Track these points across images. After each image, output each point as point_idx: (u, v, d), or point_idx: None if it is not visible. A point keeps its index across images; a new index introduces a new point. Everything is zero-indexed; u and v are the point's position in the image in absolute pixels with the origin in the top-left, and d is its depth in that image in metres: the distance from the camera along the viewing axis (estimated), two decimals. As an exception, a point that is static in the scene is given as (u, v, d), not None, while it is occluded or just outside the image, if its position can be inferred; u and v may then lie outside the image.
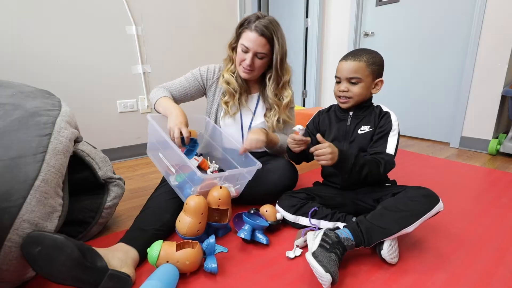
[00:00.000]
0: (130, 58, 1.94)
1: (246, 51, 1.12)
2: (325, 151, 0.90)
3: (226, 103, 1.22)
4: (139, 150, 2.06)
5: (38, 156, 0.72)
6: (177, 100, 1.25)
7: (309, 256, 0.75)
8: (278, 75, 1.18)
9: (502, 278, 0.81)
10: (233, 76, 1.21)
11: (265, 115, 1.26)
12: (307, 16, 3.07)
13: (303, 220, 1.02)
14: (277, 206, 1.08)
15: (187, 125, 1.05)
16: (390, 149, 0.98)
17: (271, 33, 1.11)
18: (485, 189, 1.43)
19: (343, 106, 1.06)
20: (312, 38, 3.01)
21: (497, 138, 2.05)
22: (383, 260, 0.86)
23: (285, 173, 1.14)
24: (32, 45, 1.60)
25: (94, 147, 1.08)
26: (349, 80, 1.01)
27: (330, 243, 0.79)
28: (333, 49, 2.94)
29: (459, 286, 0.79)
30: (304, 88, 3.28)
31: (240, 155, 1.13)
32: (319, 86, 3.12)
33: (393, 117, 1.02)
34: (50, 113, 0.83)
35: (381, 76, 1.03)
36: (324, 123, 1.15)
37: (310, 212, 1.02)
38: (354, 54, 1.01)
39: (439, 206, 0.87)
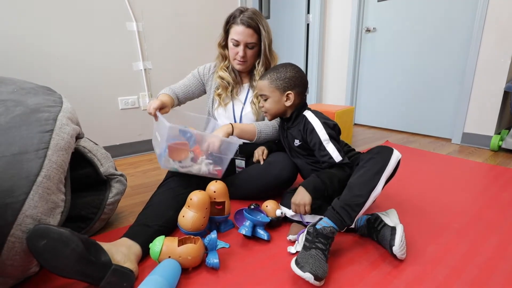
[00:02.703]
0: (131, 55, 1.93)
1: (237, 44, 1.19)
2: (294, 205, 0.97)
3: (219, 95, 1.31)
4: (140, 147, 2.07)
5: (40, 152, 0.72)
6: (182, 98, 1.33)
7: (291, 264, 0.78)
8: (268, 59, 1.25)
9: (503, 273, 0.82)
10: (227, 71, 1.29)
11: (251, 101, 1.31)
12: (308, 12, 3.05)
13: (308, 218, 1.03)
14: (281, 206, 1.09)
15: (162, 105, 1.10)
16: (335, 155, 0.99)
17: (256, 23, 1.17)
18: (486, 185, 1.43)
19: (268, 119, 1.13)
20: (313, 34, 2.99)
21: (499, 134, 2.04)
22: (394, 256, 0.86)
23: (285, 166, 1.15)
24: (32, 42, 1.60)
25: (96, 144, 1.08)
26: (261, 96, 1.09)
27: (309, 240, 0.81)
28: (335, 45, 2.93)
29: (461, 280, 0.79)
30: (305, 84, 3.26)
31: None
32: (321, 82, 3.11)
33: (317, 128, 1.01)
34: (52, 109, 0.83)
35: (292, 89, 1.04)
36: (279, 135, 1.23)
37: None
38: (264, 74, 1.08)
39: (396, 155, 0.89)
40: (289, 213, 1.05)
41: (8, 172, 0.67)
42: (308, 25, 3.07)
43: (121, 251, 0.78)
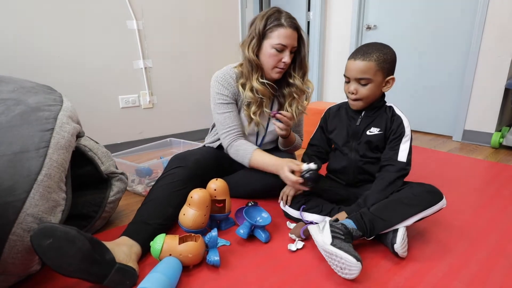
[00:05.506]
0: (131, 53, 1.93)
1: (282, 49, 1.07)
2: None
3: (254, 113, 1.15)
4: (141, 145, 2.07)
5: (40, 151, 0.73)
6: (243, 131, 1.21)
7: (331, 248, 0.75)
8: (306, 65, 1.17)
9: (503, 269, 0.82)
10: (264, 84, 1.14)
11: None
12: (309, 10, 3.04)
13: (307, 216, 1.03)
14: (281, 202, 1.09)
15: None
16: (402, 156, 0.94)
17: (298, 24, 1.09)
18: (487, 182, 1.43)
19: (353, 107, 1.02)
20: (314, 32, 2.98)
21: (500, 131, 2.03)
22: (395, 254, 0.86)
23: None
24: (33, 41, 1.60)
25: (97, 142, 1.08)
26: (358, 81, 0.95)
27: (342, 234, 0.79)
28: (335, 43, 2.92)
29: (460, 276, 0.79)
30: (306, 82, 3.26)
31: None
32: (321, 80, 3.10)
33: (406, 123, 0.98)
34: (52, 108, 0.83)
35: (392, 73, 0.97)
36: (334, 122, 1.11)
37: (301, 207, 1.03)
38: (364, 52, 0.93)
39: (442, 203, 0.88)
40: (290, 211, 1.05)
41: (9, 170, 0.67)
42: (308, 22, 3.06)
43: (123, 250, 0.78)
